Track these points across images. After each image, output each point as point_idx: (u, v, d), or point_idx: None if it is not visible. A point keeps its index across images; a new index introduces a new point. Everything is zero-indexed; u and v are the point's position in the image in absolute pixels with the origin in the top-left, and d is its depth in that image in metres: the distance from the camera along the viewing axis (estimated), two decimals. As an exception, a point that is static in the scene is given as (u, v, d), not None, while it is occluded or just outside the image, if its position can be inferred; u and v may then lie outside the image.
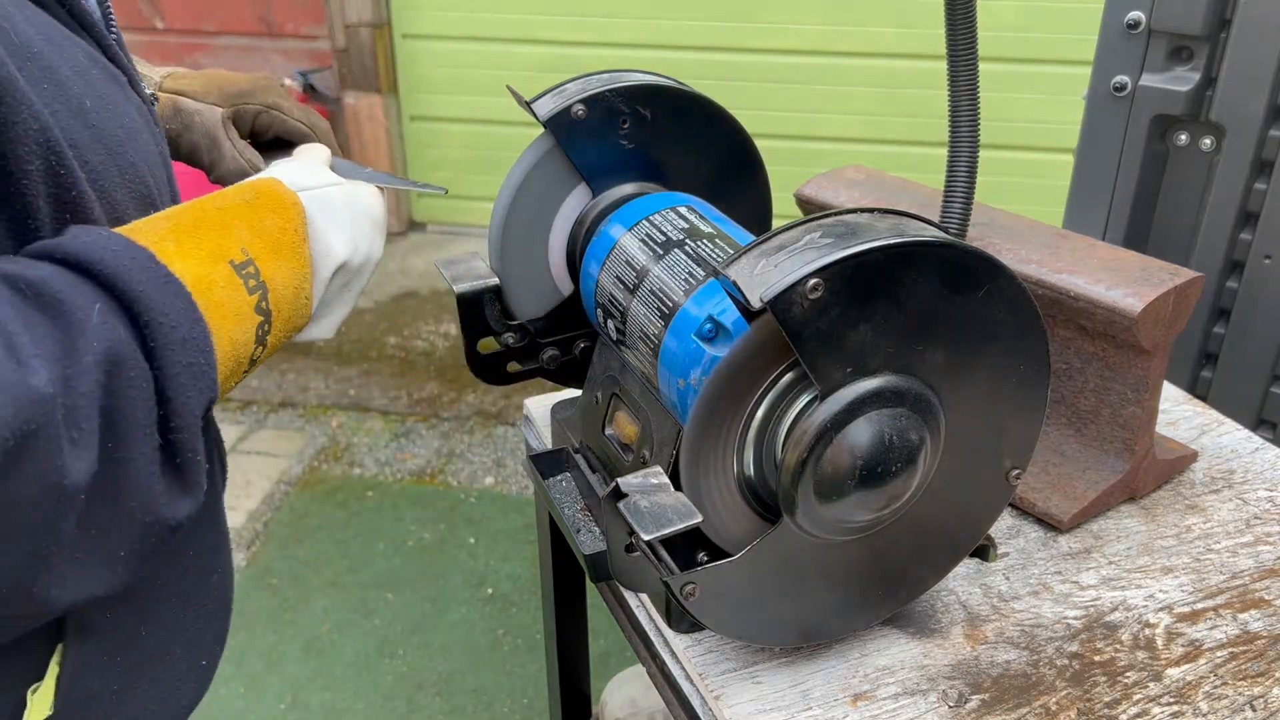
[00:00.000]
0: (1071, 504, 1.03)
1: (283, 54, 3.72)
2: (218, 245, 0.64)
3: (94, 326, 0.52)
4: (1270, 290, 1.32)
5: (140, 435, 0.54)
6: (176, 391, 0.56)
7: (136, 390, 0.53)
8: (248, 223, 0.68)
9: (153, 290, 0.56)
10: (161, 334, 0.55)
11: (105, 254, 0.55)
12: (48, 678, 0.65)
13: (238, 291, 0.64)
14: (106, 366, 0.52)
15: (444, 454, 2.78)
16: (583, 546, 0.87)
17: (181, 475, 0.57)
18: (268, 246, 0.68)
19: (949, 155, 0.97)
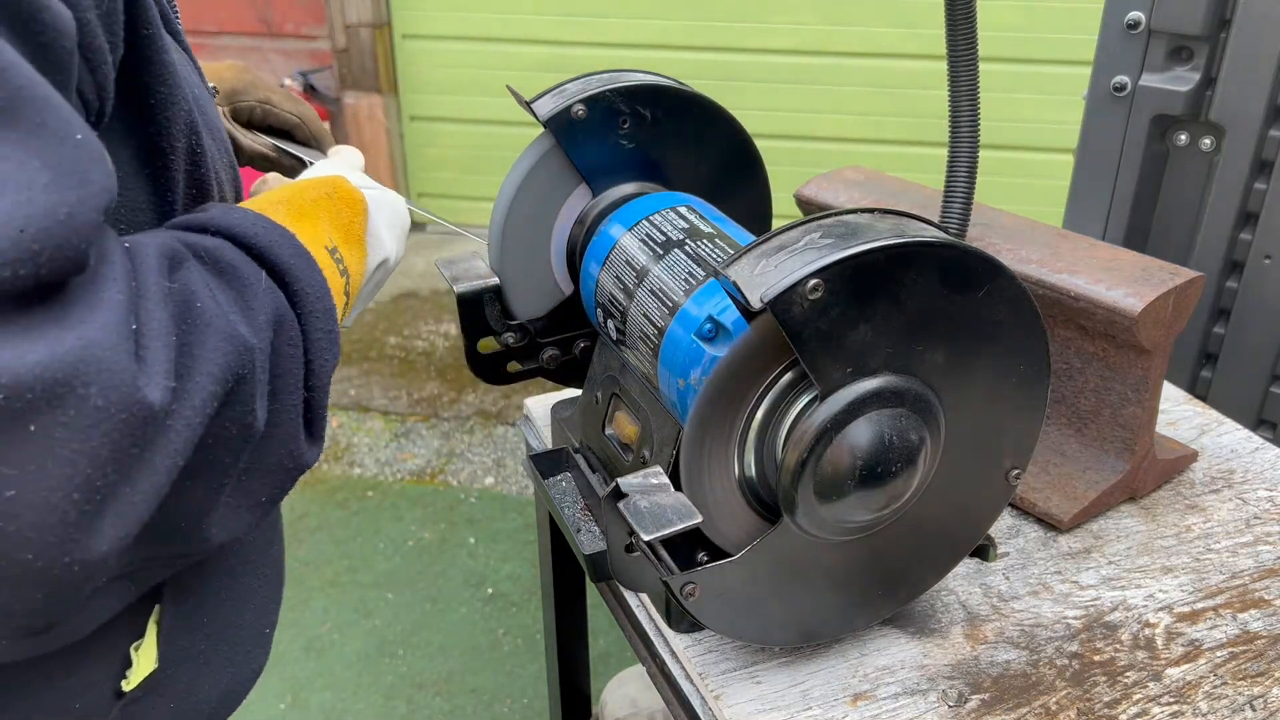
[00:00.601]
0: (1072, 504, 1.03)
1: (283, 54, 3.71)
2: (317, 232, 0.70)
3: (264, 290, 0.58)
4: (1270, 290, 1.32)
5: (294, 389, 0.60)
6: (316, 354, 0.62)
7: (294, 349, 0.60)
8: (330, 214, 0.74)
9: (298, 264, 0.62)
10: (307, 303, 0.62)
11: (258, 230, 0.62)
12: (148, 636, 0.70)
13: (334, 274, 0.69)
14: (274, 327, 0.58)
15: (444, 454, 2.78)
16: (583, 546, 0.87)
17: (312, 427, 0.63)
18: (344, 237, 0.74)
19: (949, 155, 0.97)
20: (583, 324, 1.01)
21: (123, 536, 0.48)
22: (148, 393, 0.47)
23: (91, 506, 0.46)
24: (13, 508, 0.44)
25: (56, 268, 0.44)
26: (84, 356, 0.44)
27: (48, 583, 0.46)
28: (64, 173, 0.45)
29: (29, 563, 0.45)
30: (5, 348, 0.42)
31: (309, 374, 0.61)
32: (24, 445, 0.43)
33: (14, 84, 0.44)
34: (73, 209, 0.45)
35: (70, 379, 0.44)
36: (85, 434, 0.45)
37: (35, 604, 0.47)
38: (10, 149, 0.43)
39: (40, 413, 0.43)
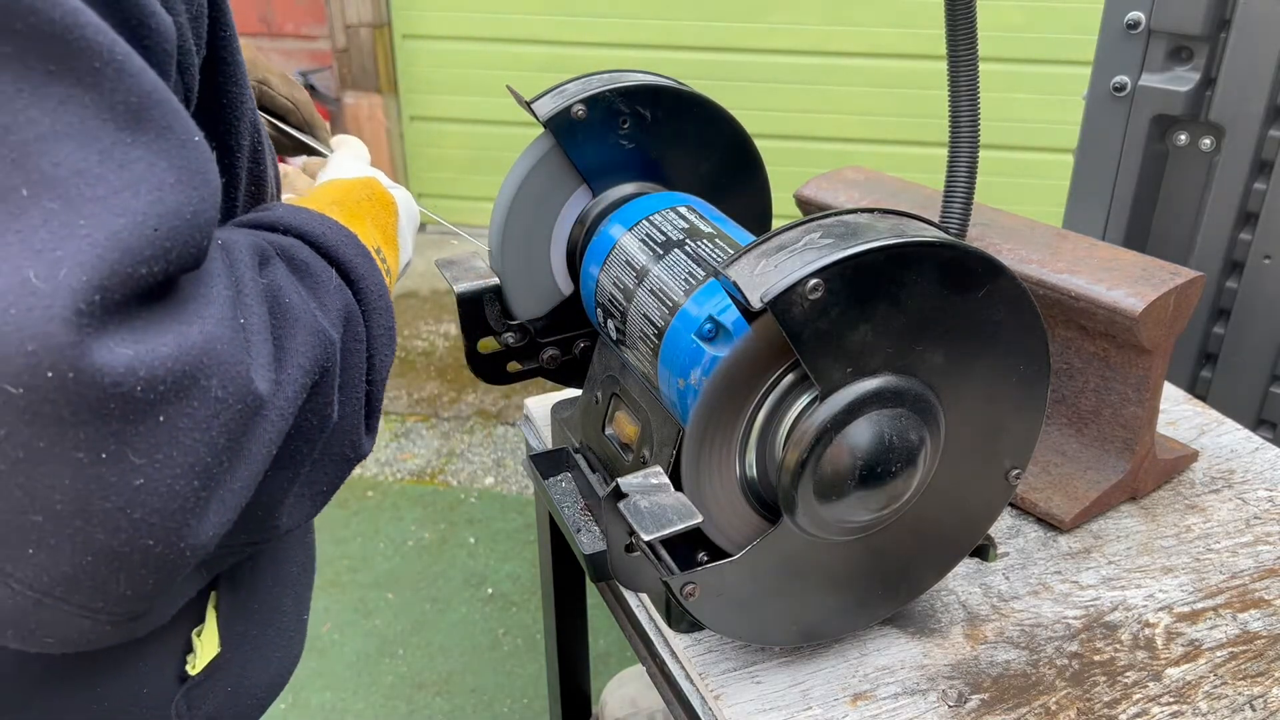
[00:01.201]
0: (1073, 504, 1.03)
1: (283, 54, 3.71)
2: (365, 233, 0.72)
3: (335, 289, 0.61)
4: (1270, 290, 1.32)
5: (358, 383, 0.62)
6: (377, 349, 0.64)
7: (360, 344, 0.62)
8: (371, 215, 0.76)
9: (361, 263, 0.65)
10: (370, 300, 0.64)
11: (325, 230, 0.64)
12: (209, 621, 0.71)
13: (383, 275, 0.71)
14: (344, 323, 0.60)
15: (444, 454, 2.78)
16: (583, 546, 0.87)
17: (370, 420, 0.65)
18: (384, 237, 0.76)
19: (949, 155, 0.97)
20: (583, 324, 1.01)
21: (224, 522, 0.50)
22: (258, 384, 0.50)
23: (206, 493, 0.48)
24: (140, 495, 0.46)
25: (183, 264, 0.47)
26: (206, 349, 0.47)
27: (161, 567, 0.48)
28: (188, 173, 0.47)
29: (149, 548, 0.47)
30: (141, 341, 0.44)
31: (370, 368, 0.63)
32: (154, 435, 0.45)
33: (144, 89, 0.46)
34: (197, 208, 0.47)
35: (195, 371, 0.46)
36: (207, 424, 0.47)
37: (145, 587, 0.49)
38: (142, 151, 0.45)
39: (170, 403, 0.45)
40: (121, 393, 0.43)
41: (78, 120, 0.44)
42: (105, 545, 0.46)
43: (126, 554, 0.46)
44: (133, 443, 0.45)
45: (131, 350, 0.44)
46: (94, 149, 0.44)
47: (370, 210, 0.75)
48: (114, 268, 0.43)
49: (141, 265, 0.44)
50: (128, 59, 0.45)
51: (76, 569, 0.46)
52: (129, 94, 0.45)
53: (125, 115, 0.45)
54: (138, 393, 0.44)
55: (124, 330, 0.44)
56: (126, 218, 0.44)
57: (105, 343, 0.43)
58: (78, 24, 0.44)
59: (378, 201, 0.77)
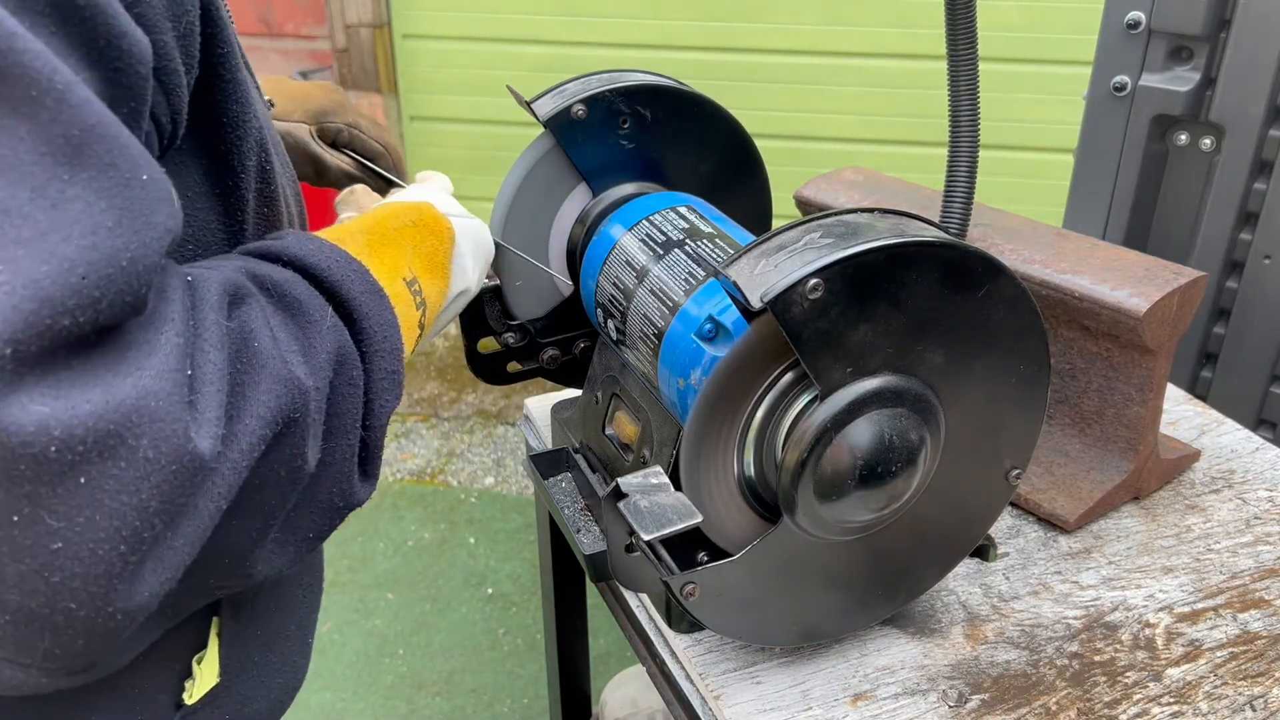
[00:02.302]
0: (1077, 504, 1.03)
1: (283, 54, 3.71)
2: (395, 262, 0.69)
3: (328, 328, 0.57)
4: (1270, 290, 1.32)
5: (350, 429, 0.59)
6: (377, 394, 0.60)
7: (353, 389, 0.58)
8: (413, 243, 0.73)
9: (368, 300, 0.61)
10: (373, 342, 0.60)
11: (330, 263, 0.61)
12: (210, 647, 0.69)
13: (409, 307, 0.69)
14: (335, 366, 0.57)
15: (444, 454, 2.78)
16: (583, 546, 0.87)
17: (366, 466, 0.61)
18: (426, 266, 0.73)
19: (949, 155, 0.97)
20: (583, 324, 1.01)
21: (163, 582, 0.48)
22: (198, 442, 0.46)
23: (136, 557, 0.45)
24: (58, 559, 0.43)
25: (115, 313, 0.44)
26: (138, 406, 0.44)
27: (89, 629, 0.46)
28: (129, 215, 0.44)
29: (72, 611, 0.44)
30: (60, 397, 0.42)
31: (367, 413, 0.60)
32: (73, 497, 0.43)
33: (86, 122, 0.43)
34: (135, 253, 0.44)
35: (122, 430, 0.43)
36: (135, 486, 0.44)
37: (76, 648, 0.46)
38: (80, 189, 0.43)
39: (91, 464, 0.43)
40: (33, 453, 0.41)
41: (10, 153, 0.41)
42: (21, 606, 0.44)
43: (46, 615, 0.44)
44: (49, 504, 0.42)
45: (48, 407, 0.41)
46: (25, 185, 0.41)
47: (412, 237, 0.73)
48: (30, 319, 0.40)
49: (64, 316, 0.41)
50: (69, 89, 0.42)
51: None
52: (69, 126, 0.42)
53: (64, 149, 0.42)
54: (51, 453, 0.41)
55: (42, 385, 0.41)
56: (51, 264, 0.41)
57: (18, 399, 0.40)
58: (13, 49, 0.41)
59: (425, 227, 0.75)
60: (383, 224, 0.72)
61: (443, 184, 0.90)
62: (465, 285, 0.81)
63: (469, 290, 0.82)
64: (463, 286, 0.80)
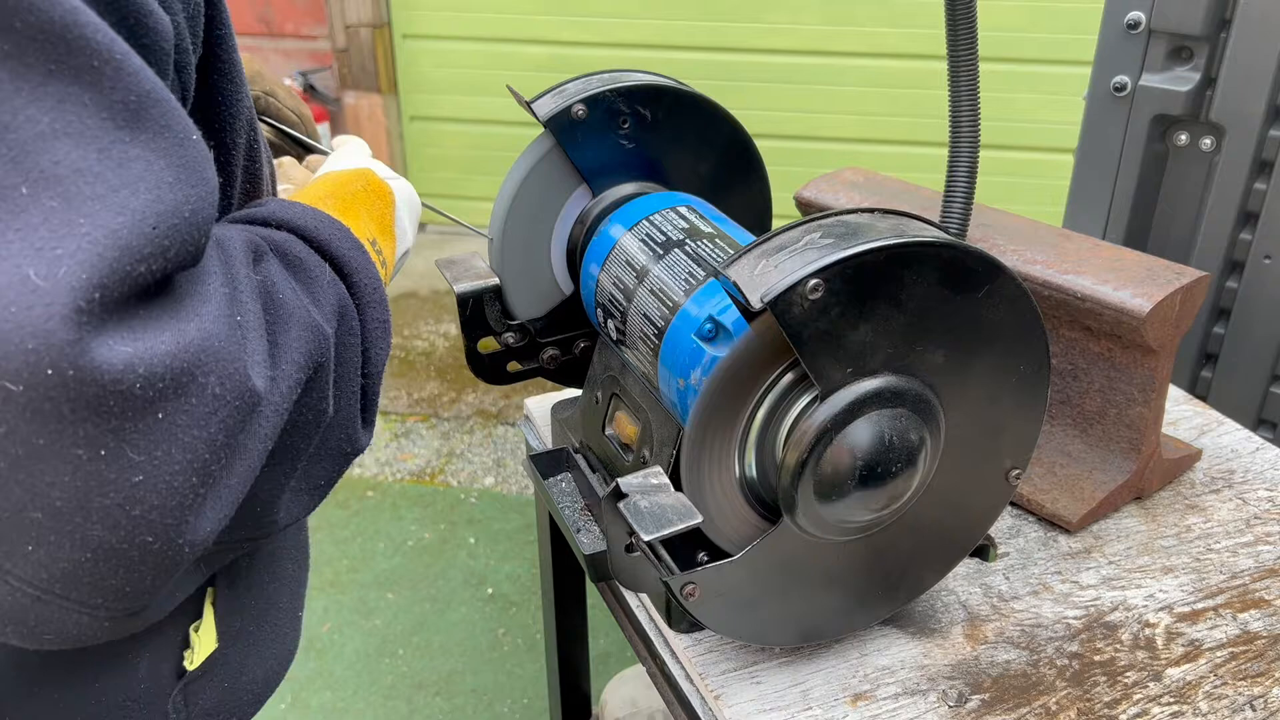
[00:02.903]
0: (1080, 505, 1.02)
1: (283, 54, 3.71)
2: (359, 225, 0.72)
3: (329, 282, 0.61)
4: (1270, 290, 1.32)
5: (353, 377, 0.62)
6: (372, 343, 0.64)
7: (354, 338, 0.62)
8: (367, 207, 0.76)
9: (355, 256, 0.65)
10: (365, 294, 0.64)
11: (317, 224, 0.64)
12: (206, 616, 0.72)
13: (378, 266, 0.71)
14: (338, 318, 0.60)
15: (444, 454, 2.78)
16: (583, 546, 0.87)
17: (366, 413, 0.65)
18: (379, 228, 0.76)
19: (949, 155, 0.97)
20: (583, 324, 1.01)
21: (222, 518, 0.50)
22: (255, 380, 0.50)
23: (205, 489, 0.48)
24: (139, 492, 0.46)
25: (180, 261, 0.47)
26: (204, 346, 0.47)
27: (159, 563, 0.48)
28: (186, 171, 0.47)
29: (148, 545, 0.47)
30: (139, 339, 0.45)
31: (365, 362, 0.64)
32: (152, 432, 0.45)
33: (143, 87, 0.46)
34: (195, 206, 0.47)
35: (193, 368, 0.46)
36: (205, 420, 0.47)
37: (144, 584, 0.49)
38: (140, 149, 0.46)
39: (168, 400, 0.46)
40: (121, 390, 0.44)
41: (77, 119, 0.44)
42: (104, 542, 0.46)
43: (125, 550, 0.47)
44: (131, 440, 0.45)
45: (130, 348, 0.44)
46: (93, 147, 0.44)
47: (366, 201, 0.76)
48: (113, 266, 0.43)
49: (140, 263, 0.44)
50: (126, 58, 0.45)
51: (76, 565, 0.46)
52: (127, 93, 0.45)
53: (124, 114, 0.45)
54: (136, 390, 0.44)
55: (123, 328, 0.44)
56: (125, 216, 0.44)
57: (105, 340, 0.43)
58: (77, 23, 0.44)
59: (373, 192, 0.78)
60: (340, 189, 0.75)
61: (359, 147, 0.93)
62: (407, 245, 0.83)
63: (408, 250, 0.85)
64: (405, 246, 0.83)
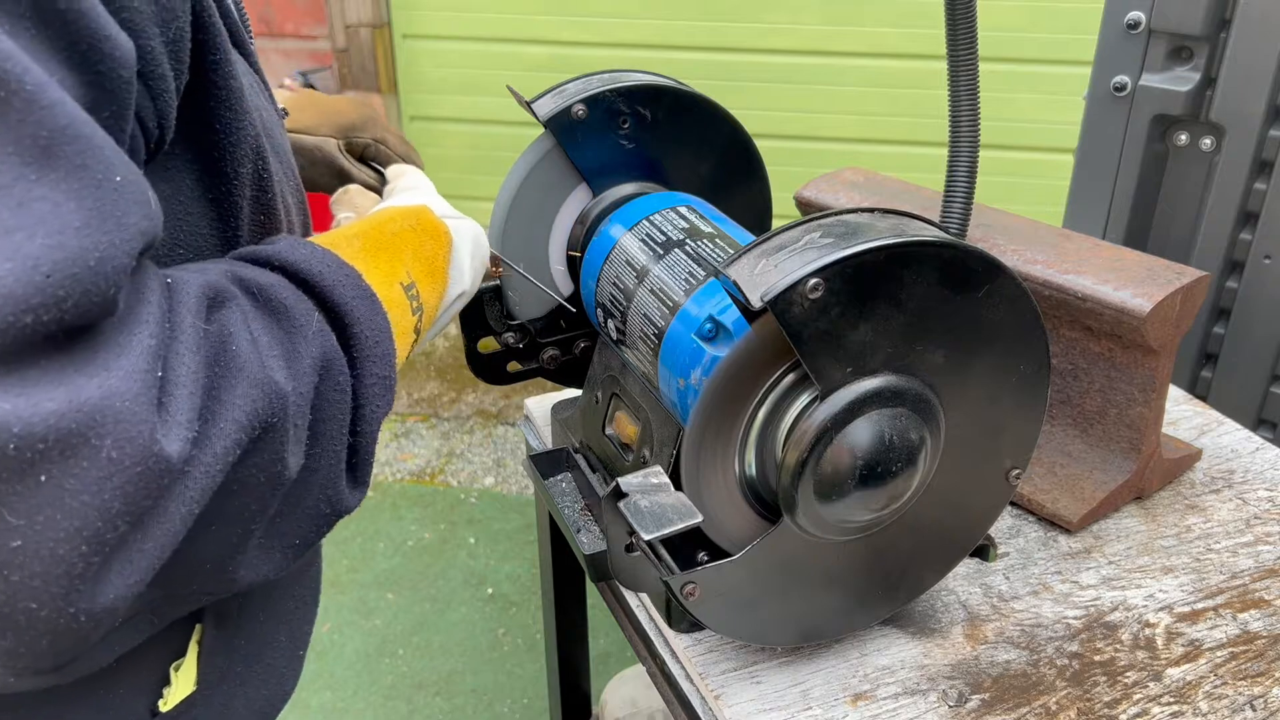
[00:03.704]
0: (1080, 505, 1.02)
1: (283, 54, 3.71)
2: (392, 268, 0.69)
3: (314, 333, 0.57)
4: (1270, 290, 1.32)
5: (337, 435, 0.58)
6: (367, 400, 0.60)
7: (340, 394, 0.58)
8: (412, 248, 0.73)
9: (359, 305, 0.61)
10: (364, 347, 0.60)
11: (322, 268, 0.61)
12: (189, 655, 0.69)
13: (405, 312, 0.69)
14: (320, 371, 0.57)
15: (444, 454, 2.78)
16: (583, 546, 0.87)
17: (356, 473, 0.61)
18: (425, 270, 0.74)
19: (949, 155, 0.97)
20: (583, 324, 1.01)
21: (131, 584, 0.47)
22: (165, 445, 0.46)
23: (99, 558, 0.45)
24: (18, 557, 0.43)
25: (82, 313, 0.44)
26: (102, 407, 0.44)
27: (52, 630, 0.45)
28: (99, 216, 0.44)
29: (33, 611, 0.44)
30: (22, 395, 0.42)
31: (357, 419, 0.60)
32: (33, 495, 0.43)
33: (57, 123, 0.43)
34: (104, 254, 0.44)
35: (85, 430, 0.43)
36: (97, 486, 0.44)
37: (40, 649, 0.46)
38: (47, 189, 0.43)
39: (52, 463, 0.43)
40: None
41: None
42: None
43: (7, 614, 0.44)
44: (8, 502, 0.42)
45: (9, 404, 0.41)
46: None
47: (412, 241, 0.73)
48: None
49: (27, 314, 0.41)
50: (40, 90, 0.43)
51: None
52: (39, 127, 0.43)
53: (32, 150, 0.42)
54: (10, 450, 0.41)
55: (5, 382, 0.41)
56: (15, 262, 0.41)
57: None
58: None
59: (424, 232, 0.75)
60: (381, 228, 0.72)
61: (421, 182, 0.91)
62: (463, 288, 0.81)
63: (466, 293, 0.82)
64: (460, 289, 0.81)
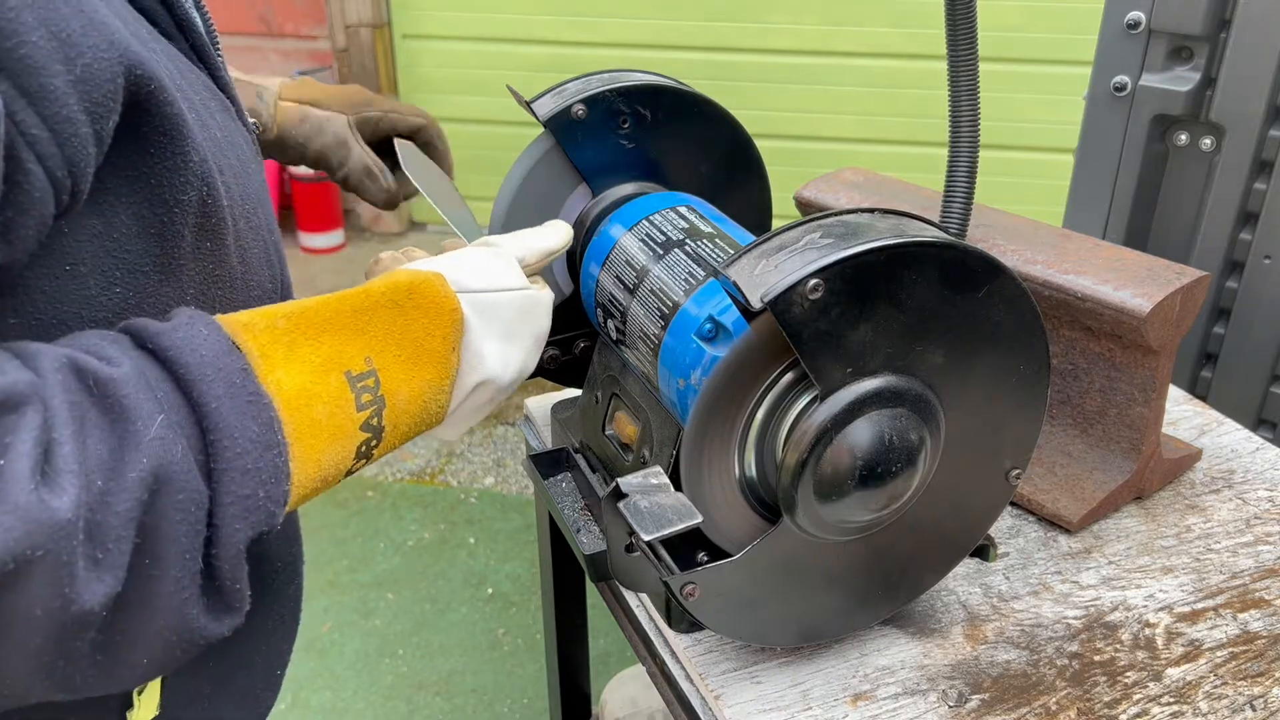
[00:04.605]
0: (1080, 505, 1.02)
1: (283, 54, 3.71)
2: (338, 353, 0.61)
3: (149, 441, 0.50)
4: (1270, 290, 1.32)
5: (178, 557, 0.52)
6: (224, 521, 0.53)
7: (181, 513, 0.51)
8: (386, 328, 0.64)
9: (230, 409, 0.54)
10: (225, 459, 0.53)
11: (194, 359, 0.53)
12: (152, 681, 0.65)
13: (343, 408, 0.60)
14: (151, 485, 0.50)
15: (444, 454, 2.78)
16: (583, 546, 0.87)
17: (220, 594, 0.55)
18: (405, 354, 0.64)
19: (949, 155, 0.97)
20: (583, 324, 1.01)
21: None
22: None
23: None
24: None
25: None
26: None
27: None
28: None
29: None
30: None
31: (212, 540, 0.53)
32: None
33: None
34: None
35: None
36: None
37: None
38: None
39: None
40: None
41: None
42: None
43: None
44: None
45: None
46: None
47: (386, 320, 0.64)
48: None
49: None
50: None
51: None
52: None
53: None
54: None
55: None
56: None
57: None
58: None
59: (415, 308, 0.66)
60: (338, 304, 0.63)
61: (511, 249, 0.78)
62: (485, 375, 0.71)
63: (492, 380, 0.72)
64: (481, 376, 0.70)
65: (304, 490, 0.59)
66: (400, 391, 0.64)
